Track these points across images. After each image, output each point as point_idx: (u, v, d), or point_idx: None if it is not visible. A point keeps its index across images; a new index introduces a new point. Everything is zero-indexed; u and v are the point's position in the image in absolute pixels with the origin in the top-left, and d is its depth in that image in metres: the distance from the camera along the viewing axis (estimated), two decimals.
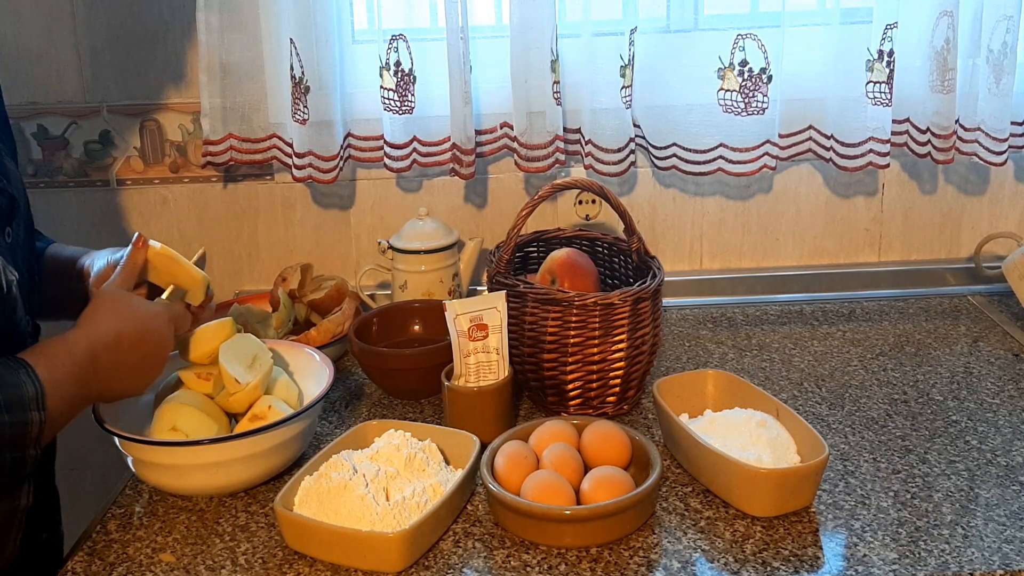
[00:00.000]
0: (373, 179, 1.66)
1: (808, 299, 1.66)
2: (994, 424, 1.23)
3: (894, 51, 1.48)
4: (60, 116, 1.61)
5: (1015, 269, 1.52)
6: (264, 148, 1.59)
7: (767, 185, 1.67)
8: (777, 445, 1.09)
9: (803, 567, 0.97)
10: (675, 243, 1.70)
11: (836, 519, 1.05)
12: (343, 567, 0.99)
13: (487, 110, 1.58)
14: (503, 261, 1.27)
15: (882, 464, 1.15)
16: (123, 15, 1.57)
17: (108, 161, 1.65)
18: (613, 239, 1.41)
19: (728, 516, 1.05)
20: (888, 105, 1.50)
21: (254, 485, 1.13)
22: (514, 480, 1.05)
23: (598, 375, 1.23)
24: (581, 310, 1.20)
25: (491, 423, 1.20)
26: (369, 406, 1.34)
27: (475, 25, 1.52)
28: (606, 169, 1.55)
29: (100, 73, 1.59)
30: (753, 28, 1.50)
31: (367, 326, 1.42)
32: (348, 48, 1.59)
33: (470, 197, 1.68)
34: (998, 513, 1.05)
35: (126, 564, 1.02)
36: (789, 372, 1.39)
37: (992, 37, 1.50)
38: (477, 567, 0.99)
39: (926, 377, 1.37)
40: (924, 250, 1.71)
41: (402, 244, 1.51)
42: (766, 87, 1.51)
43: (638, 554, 1.00)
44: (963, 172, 1.67)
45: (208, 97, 1.55)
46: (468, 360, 1.20)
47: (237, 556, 1.02)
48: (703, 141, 1.55)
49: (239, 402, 1.14)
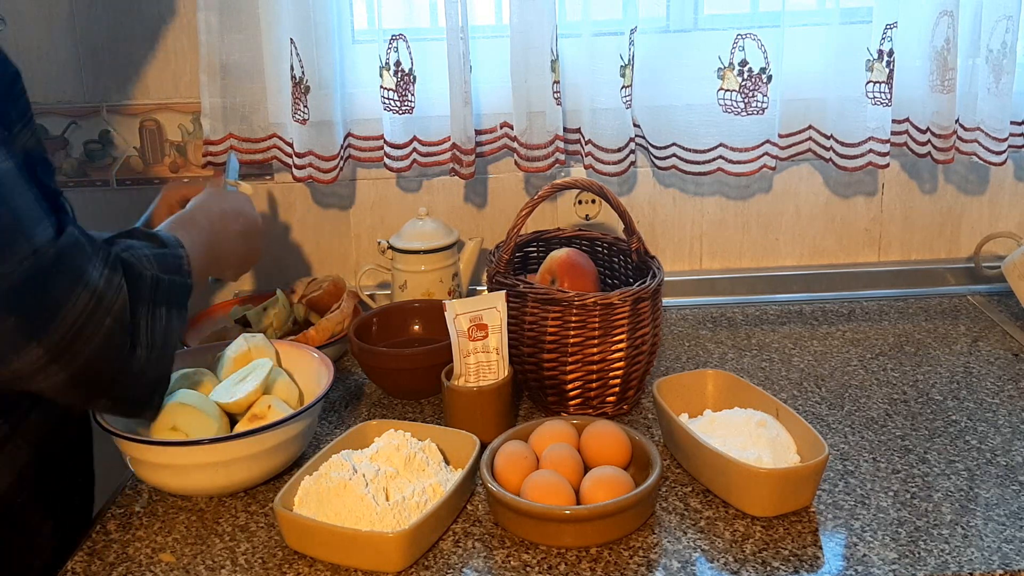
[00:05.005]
0: (373, 179, 1.66)
1: (808, 299, 1.66)
2: (994, 424, 1.24)
3: (894, 51, 1.48)
4: (60, 116, 1.61)
5: (1015, 269, 1.52)
6: (264, 148, 1.60)
7: (767, 185, 1.67)
8: (777, 445, 1.09)
9: (803, 567, 0.97)
10: (675, 243, 1.70)
11: (836, 519, 1.05)
12: (343, 567, 0.99)
13: (487, 110, 1.58)
14: (503, 261, 1.27)
15: (882, 464, 1.15)
16: (123, 15, 1.57)
17: (108, 161, 1.65)
18: (613, 239, 1.41)
19: (728, 516, 1.05)
20: (888, 105, 1.50)
21: (254, 485, 1.13)
22: (514, 480, 1.05)
23: (598, 375, 1.23)
24: (581, 310, 1.20)
25: (491, 423, 1.20)
26: (369, 406, 1.34)
27: (475, 25, 1.52)
28: (606, 169, 1.55)
29: (100, 73, 1.59)
30: (753, 28, 1.50)
31: (367, 326, 1.42)
32: (348, 48, 1.60)
33: (470, 197, 1.68)
34: (998, 513, 1.05)
35: (126, 564, 1.02)
36: (789, 372, 1.39)
37: (992, 37, 1.50)
38: (477, 567, 0.99)
39: (926, 377, 1.37)
40: (924, 250, 1.71)
41: (402, 244, 1.51)
42: (766, 87, 1.51)
43: (638, 554, 1.00)
44: (963, 172, 1.67)
45: (208, 97, 1.55)
46: (468, 360, 1.20)
47: (237, 556, 1.02)
48: (703, 141, 1.55)
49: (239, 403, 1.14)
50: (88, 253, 0.93)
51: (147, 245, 1.03)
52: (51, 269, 0.89)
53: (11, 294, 0.87)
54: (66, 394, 0.94)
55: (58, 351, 0.89)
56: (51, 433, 1.07)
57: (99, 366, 0.93)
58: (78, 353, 0.90)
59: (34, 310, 0.88)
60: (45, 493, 1.06)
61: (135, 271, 0.97)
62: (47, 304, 0.88)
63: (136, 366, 0.97)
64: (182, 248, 1.07)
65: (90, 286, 0.91)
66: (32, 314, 0.88)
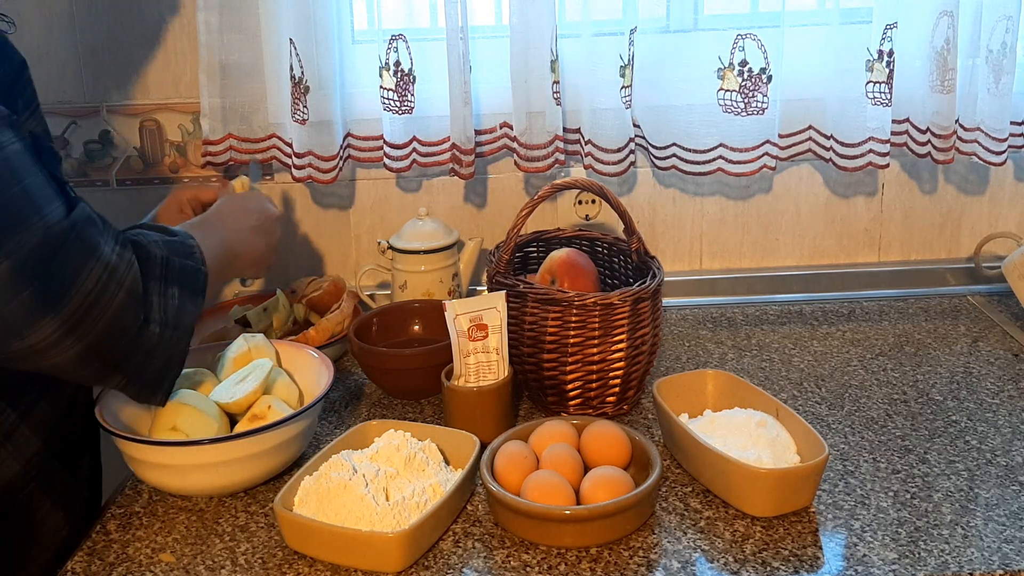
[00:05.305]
0: (373, 179, 1.66)
1: (808, 299, 1.66)
2: (994, 424, 1.23)
3: (894, 51, 1.48)
4: (60, 116, 1.61)
5: (1015, 269, 1.52)
6: (264, 148, 1.59)
7: (767, 185, 1.67)
8: (777, 445, 1.09)
9: (803, 567, 0.97)
10: (675, 243, 1.70)
11: (836, 519, 1.05)
12: (343, 567, 0.99)
13: (487, 110, 1.58)
14: (503, 261, 1.27)
15: (882, 464, 1.15)
16: (122, 15, 1.57)
17: (108, 161, 1.65)
18: (613, 239, 1.41)
19: (728, 516, 1.05)
20: (888, 105, 1.50)
21: (254, 485, 1.13)
22: (514, 480, 1.05)
23: (598, 375, 1.23)
24: (581, 310, 1.20)
25: (491, 423, 1.20)
26: (369, 406, 1.34)
27: (475, 25, 1.52)
28: (606, 169, 1.55)
29: (100, 73, 1.59)
30: (753, 28, 1.50)
31: (367, 326, 1.42)
32: (348, 48, 1.59)
33: (470, 197, 1.68)
34: (998, 513, 1.05)
35: (126, 564, 1.02)
36: (789, 372, 1.39)
37: (992, 37, 1.50)
38: (477, 567, 0.99)
39: (926, 377, 1.37)
40: (924, 250, 1.71)
41: (402, 244, 1.51)
42: (766, 87, 1.51)
43: (638, 554, 1.00)
44: (963, 172, 1.67)
45: (208, 97, 1.55)
46: (468, 360, 1.20)
47: (237, 556, 1.02)
48: (703, 141, 1.55)
49: (239, 403, 1.14)
50: (100, 228, 0.95)
51: (156, 233, 1.06)
52: (65, 242, 0.90)
53: (26, 267, 0.88)
54: (80, 369, 0.94)
55: (72, 324, 0.90)
56: (58, 424, 1.07)
57: (112, 340, 0.94)
58: (92, 326, 0.92)
59: (49, 283, 0.89)
60: (53, 484, 1.07)
61: (145, 250, 0.99)
62: (61, 277, 0.90)
63: (148, 342, 0.98)
64: (192, 239, 1.08)
65: (103, 259, 0.93)
66: (47, 287, 0.89)
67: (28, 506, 1.04)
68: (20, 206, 0.88)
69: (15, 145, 0.90)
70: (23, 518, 1.04)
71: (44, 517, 1.06)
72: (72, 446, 1.11)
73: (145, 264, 0.98)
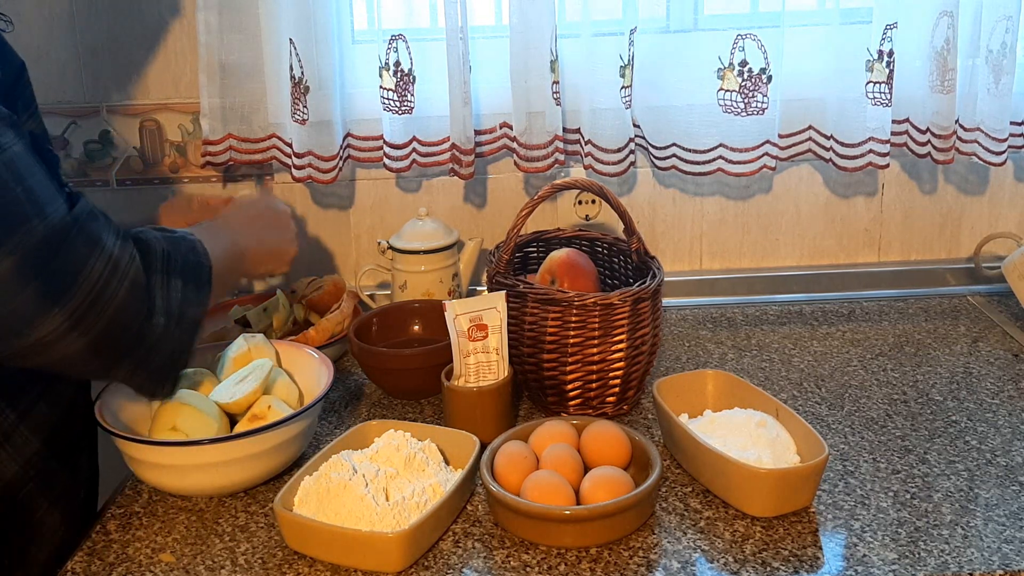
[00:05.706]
0: (373, 179, 1.66)
1: (808, 299, 1.66)
2: (994, 424, 1.23)
3: (894, 51, 1.48)
4: (60, 116, 1.61)
5: (1015, 269, 1.52)
6: (263, 148, 1.59)
7: (767, 185, 1.67)
8: (777, 445, 1.09)
9: (803, 567, 0.97)
10: (675, 243, 1.70)
11: (836, 519, 1.05)
12: (343, 567, 0.99)
13: (487, 110, 1.58)
14: (503, 261, 1.27)
15: (882, 464, 1.15)
16: (122, 15, 1.57)
17: (108, 161, 1.65)
18: (613, 239, 1.41)
19: (728, 516, 1.05)
20: (888, 105, 1.50)
21: (254, 485, 1.13)
22: (514, 480, 1.05)
23: (598, 375, 1.23)
24: (581, 310, 1.20)
25: (491, 423, 1.20)
26: (369, 406, 1.34)
27: (475, 25, 1.52)
28: (606, 169, 1.55)
29: (100, 73, 1.59)
30: (753, 28, 1.50)
31: (367, 326, 1.42)
32: (348, 48, 1.59)
33: (470, 197, 1.68)
34: (998, 513, 1.05)
35: (126, 564, 1.02)
36: (789, 372, 1.39)
37: (992, 37, 1.50)
38: (477, 567, 0.99)
39: (926, 377, 1.37)
40: (924, 250, 1.71)
41: (402, 244, 1.51)
42: (766, 87, 1.51)
43: (638, 554, 1.00)
44: (963, 172, 1.67)
45: (207, 97, 1.55)
46: (468, 360, 1.20)
47: (237, 556, 1.02)
48: (703, 141, 1.55)
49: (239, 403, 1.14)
50: (102, 222, 0.96)
51: (157, 231, 1.07)
52: (67, 237, 0.92)
53: (30, 263, 0.89)
54: (86, 363, 0.96)
55: (78, 317, 0.91)
56: (57, 425, 1.08)
57: (117, 332, 0.95)
58: (97, 319, 0.93)
59: (53, 277, 0.90)
60: (51, 484, 1.07)
61: (147, 244, 1.01)
62: (66, 270, 0.91)
63: (153, 335, 0.99)
64: (193, 236, 1.09)
65: (106, 252, 0.94)
66: (52, 281, 0.90)
67: (27, 506, 1.05)
68: (23, 205, 0.89)
69: (17, 146, 0.91)
70: (22, 518, 1.05)
71: (42, 517, 1.06)
72: (71, 447, 1.11)
73: (147, 257, 0.99)
